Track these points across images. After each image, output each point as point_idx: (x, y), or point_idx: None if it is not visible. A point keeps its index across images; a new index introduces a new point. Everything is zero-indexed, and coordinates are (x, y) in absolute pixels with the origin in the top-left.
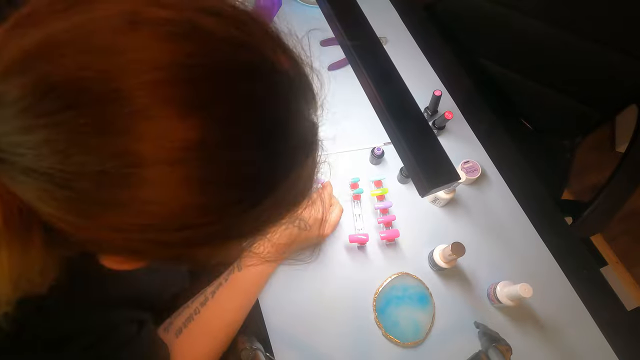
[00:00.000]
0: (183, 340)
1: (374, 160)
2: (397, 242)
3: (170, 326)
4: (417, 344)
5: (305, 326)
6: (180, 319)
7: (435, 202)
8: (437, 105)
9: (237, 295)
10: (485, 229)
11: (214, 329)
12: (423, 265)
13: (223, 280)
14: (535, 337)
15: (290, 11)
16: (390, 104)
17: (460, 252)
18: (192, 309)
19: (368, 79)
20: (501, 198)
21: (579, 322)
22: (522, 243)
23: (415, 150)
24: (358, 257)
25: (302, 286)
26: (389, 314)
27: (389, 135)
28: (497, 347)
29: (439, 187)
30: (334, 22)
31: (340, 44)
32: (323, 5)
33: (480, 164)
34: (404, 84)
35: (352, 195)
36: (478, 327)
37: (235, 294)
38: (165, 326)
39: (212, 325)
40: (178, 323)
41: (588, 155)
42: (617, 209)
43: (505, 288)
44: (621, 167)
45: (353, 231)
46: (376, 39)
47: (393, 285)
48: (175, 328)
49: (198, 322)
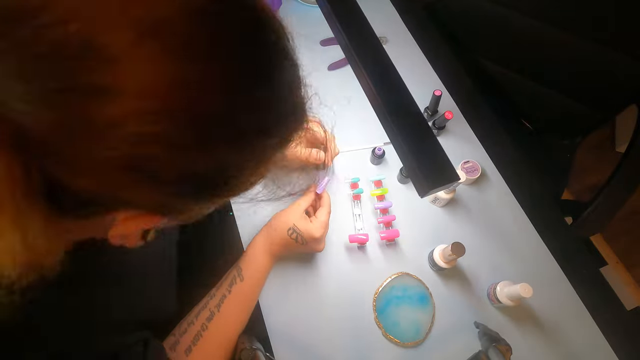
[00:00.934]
0: (195, 359)
1: (374, 161)
2: (397, 242)
3: (177, 345)
4: (417, 344)
5: (305, 326)
6: (188, 337)
7: (435, 202)
8: (437, 105)
9: (242, 305)
10: (485, 229)
11: (223, 342)
12: (423, 265)
13: (226, 292)
14: (535, 337)
15: (290, 11)
16: (389, 104)
17: (460, 252)
18: (198, 325)
19: (368, 79)
20: (501, 198)
21: (579, 322)
22: (522, 243)
23: (415, 151)
24: (358, 257)
25: (302, 286)
26: (389, 314)
27: (388, 135)
28: (497, 347)
29: (438, 188)
30: (333, 22)
31: (340, 44)
32: (323, 5)
33: (480, 164)
34: (403, 84)
35: (352, 195)
36: (478, 327)
37: (241, 305)
38: (171, 345)
39: (222, 339)
40: (186, 341)
41: (588, 155)
42: (617, 209)
43: (505, 288)
44: (621, 167)
45: (353, 231)
46: (376, 39)
47: (393, 285)
48: (184, 347)
49: (207, 339)
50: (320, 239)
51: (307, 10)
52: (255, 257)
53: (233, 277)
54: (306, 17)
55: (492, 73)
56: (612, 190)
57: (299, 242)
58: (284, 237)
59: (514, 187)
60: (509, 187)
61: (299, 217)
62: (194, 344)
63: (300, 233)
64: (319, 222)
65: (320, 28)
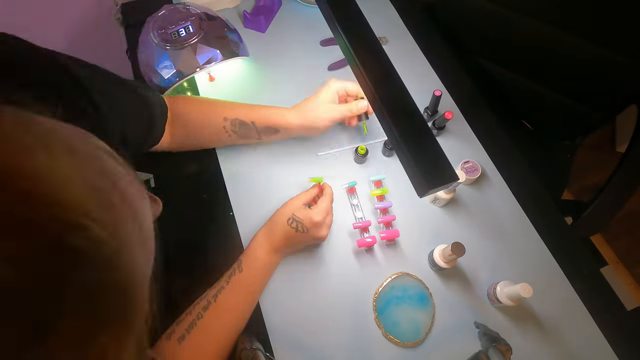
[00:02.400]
0: (186, 347)
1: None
2: (397, 242)
3: (172, 334)
4: (417, 344)
5: (305, 326)
6: (183, 325)
7: (435, 202)
8: (437, 105)
9: (240, 297)
10: (485, 229)
11: (217, 334)
12: (423, 265)
13: (225, 284)
14: (535, 337)
15: (290, 11)
16: (389, 104)
17: (460, 252)
18: (194, 315)
19: (367, 79)
20: (501, 198)
21: (579, 322)
22: (522, 243)
23: (415, 151)
24: (358, 257)
25: (302, 286)
26: (389, 314)
27: (387, 135)
28: (497, 347)
29: (438, 188)
30: (333, 22)
31: (340, 45)
32: (322, 5)
33: (480, 164)
34: (402, 84)
35: (347, 188)
36: (478, 327)
37: (239, 297)
38: (168, 334)
39: (216, 329)
40: (180, 330)
41: (588, 155)
42: (617, 209)
43: (505, 288)
44: (621, 167)
45: (354, 220)
46: (376, 40)
47: (393, 285)
48: (178, 335)
49: (201, 328)
50: (322, 224)
51: (307, 10)
52: (255, 250)
53: (233, 270)
54: (306, 17)
55: (492, 73)
56: (612, 190)
57: (300, 230)
58: (284, 227)
59: (514, 187)
60: (509, 187)
61: (298, 207)
62: (188, 332)
63: (300, 220)
64: (319, 207)
65: (320, 28)
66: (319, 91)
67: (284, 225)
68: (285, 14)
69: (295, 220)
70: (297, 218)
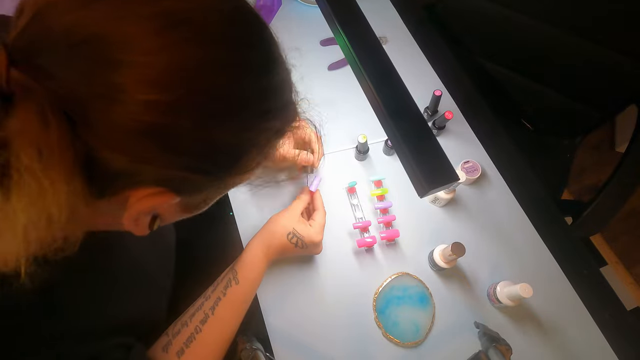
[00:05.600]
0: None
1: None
2: (397, 242)
3: (169, 346)
4: (417, 344)
5: (305, 326)
6: (181, 338)
7: (435, 202)
8: (437, 105)
9: (237, 308)
10: (485, 229)
11: (217, 346)
12: (423, 265)
13: (221, 295)
14: (535, 337)
15: (290, 11)
16: (389, 104)
17: (460, 252)
18: (192, 328)
19: (367, 79)
20: (501, 198)
21: (579, 322)
22: (522, 243)
23: (415, 151)
24: (358, 257)
25: (302, 286)
26: (389, 314)
27: (387, 135)
28: (497, 347)
29: (438, 188)
30: (333, 21)
31: (340, 44)
32: (323, 5)
33: (480, 164)
34: (402, 84)
35: (347, 188)
36: (478, 327)
37: (236, 308)
38: (163, 345)
39: (215, 342)
40: (179, 343)
41: (588, 155)
42: (617, 209)
43: (505, 288)
44: (621, 167)
45: (354, 220)
46: (376, 39)
47: (393, 285)
48: (177, 348)
49: (200, 341)
50: (320, 243)
51: (307, 10)
52: (251, 260)
53: (228, 280)
54: (306, 17)
55: (492, 73)
56: (612, 190)
57: (299, 246)
58: (283, 242)
59: (514, 187)
60: (509, 187)
61: (298, 221)
62: (187, 346)
63: (301, 237)
64: (318, 225)
65: (320, 28)
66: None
67: (283, 238)
68: (285, 14)
69: (296, 236)
70: (299, 235)
